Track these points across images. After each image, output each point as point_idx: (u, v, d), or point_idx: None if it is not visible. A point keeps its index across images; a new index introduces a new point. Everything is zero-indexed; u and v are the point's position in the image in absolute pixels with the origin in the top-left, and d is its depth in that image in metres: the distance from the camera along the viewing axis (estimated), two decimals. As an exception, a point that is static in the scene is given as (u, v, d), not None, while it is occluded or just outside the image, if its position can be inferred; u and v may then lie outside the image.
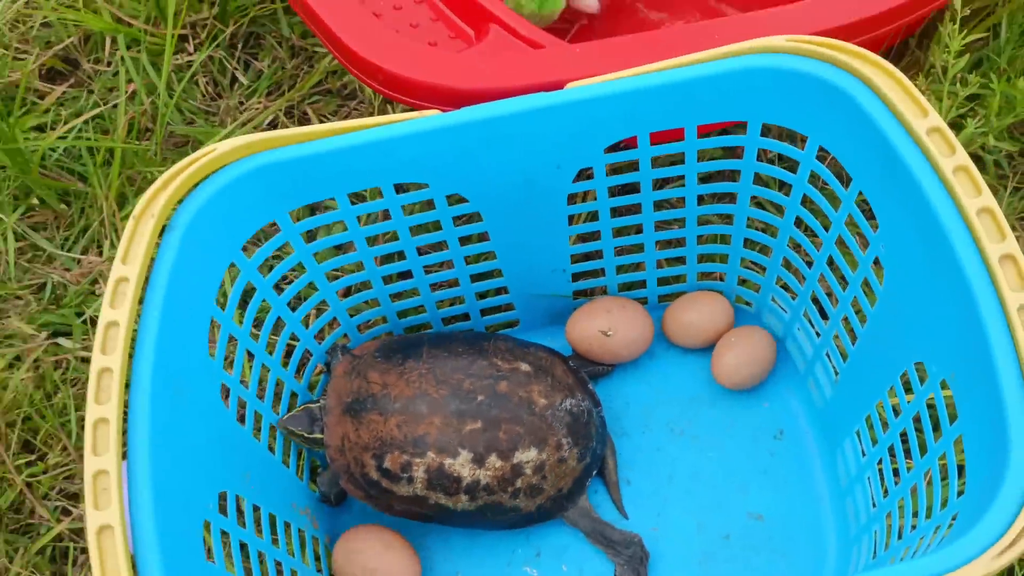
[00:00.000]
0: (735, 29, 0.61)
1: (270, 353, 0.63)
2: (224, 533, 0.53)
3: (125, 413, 0.48)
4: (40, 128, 0.84)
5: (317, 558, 0.63)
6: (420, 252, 0.65)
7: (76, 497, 0.67)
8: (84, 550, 0.66)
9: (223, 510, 0.54)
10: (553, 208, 0.63)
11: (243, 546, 0.56)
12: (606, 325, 0.66)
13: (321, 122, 0.84)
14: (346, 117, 0.84)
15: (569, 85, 0.57)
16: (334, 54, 0.64)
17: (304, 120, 0.84)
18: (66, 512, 0.67)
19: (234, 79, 0.87)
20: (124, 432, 0.48)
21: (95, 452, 0.46)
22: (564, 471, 0.63)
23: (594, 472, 0.66)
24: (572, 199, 0.63)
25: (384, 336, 0.70)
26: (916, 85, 0.70)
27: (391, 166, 0.58)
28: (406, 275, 0.67)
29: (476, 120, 0.57)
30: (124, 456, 0.47)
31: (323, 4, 0.63)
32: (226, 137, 0.80)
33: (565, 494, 0.64)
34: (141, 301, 0.52)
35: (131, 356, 0.50)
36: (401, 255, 0.65)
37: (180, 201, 0.55)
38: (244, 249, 0.59)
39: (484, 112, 0.57)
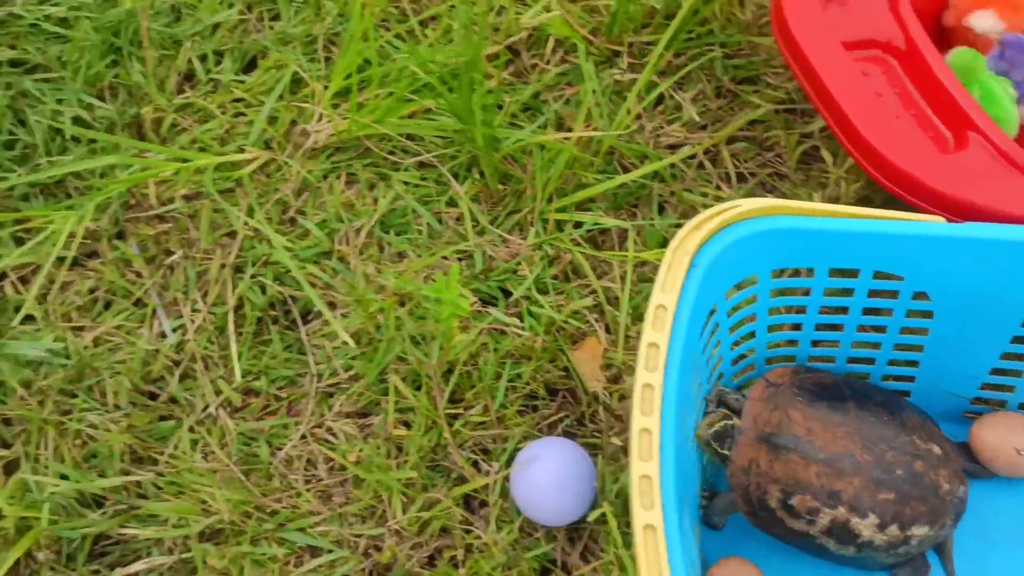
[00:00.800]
0: None
1: (707, 382, 0.70)
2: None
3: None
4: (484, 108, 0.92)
5: (697, 573, 0.70)
6: (859, 328, 0.71)
7: (488, 452, 0.76)
8: (484, 503, 0.74)
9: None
10: (1004, 325, 0.67)
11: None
12: (1023, 444, 0.70)
13: (735, 167, 0.90)
14: (761, 167, 0.90)
15: (1078, 225, 0.61)
16: (839, 138, 0.69)
17: (717, 160, 0.90)
18: (475, 465, 0.76)
19: (658, 102, 0.94)
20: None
21: (640, 458, 0.53)
22: (932, 542, 0.68)
23: None
24: (1025, 321, 0.67)
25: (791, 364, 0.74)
26: None
27: (879, 255, 0.64)
28: (834, 343, 0.72)
29: (981, 239, 0.61)
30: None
31: (841, 92, 0.69)
32: (659, 161, 0.87)
33: (918, 556, 0.69)
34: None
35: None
36: (839, 327, 0.71)
37: (703, 243, 0.62)
38: (721, 292, 0.66)
39: (991, 233, 0.61)
